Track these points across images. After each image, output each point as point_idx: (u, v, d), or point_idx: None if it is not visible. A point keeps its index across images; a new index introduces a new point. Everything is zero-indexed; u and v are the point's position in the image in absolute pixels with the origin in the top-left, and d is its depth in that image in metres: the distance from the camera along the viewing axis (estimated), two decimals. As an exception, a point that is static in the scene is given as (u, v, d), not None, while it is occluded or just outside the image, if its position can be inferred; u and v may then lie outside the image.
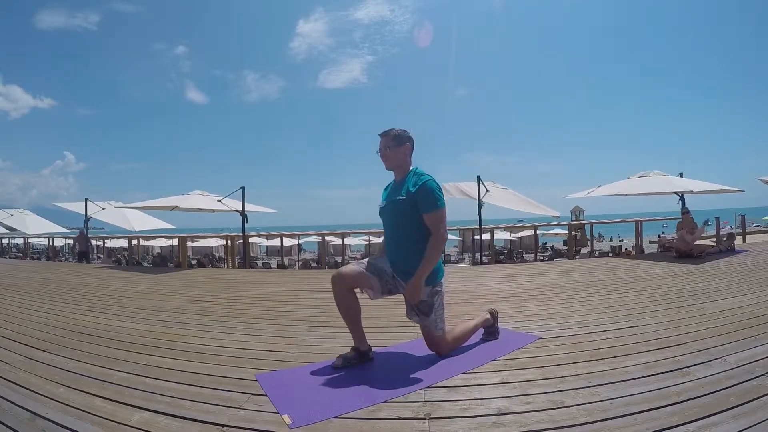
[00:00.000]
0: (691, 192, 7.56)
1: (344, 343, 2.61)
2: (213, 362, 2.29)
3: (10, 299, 4.35)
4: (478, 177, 8.20)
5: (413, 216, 2.21)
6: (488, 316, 2.64)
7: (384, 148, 2.32)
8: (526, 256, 17.77)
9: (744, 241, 9.34)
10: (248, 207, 8.77)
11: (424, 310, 2.24)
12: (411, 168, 2.35)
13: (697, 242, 6.78)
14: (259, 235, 16.70)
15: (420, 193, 2.19)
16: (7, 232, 14.58)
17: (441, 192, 2.25)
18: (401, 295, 2.32)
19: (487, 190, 8.27)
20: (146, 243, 21.04)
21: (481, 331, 2.64)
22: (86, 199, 9.93)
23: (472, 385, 1.93)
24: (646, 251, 9.73)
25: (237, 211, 8.60)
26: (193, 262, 13.13)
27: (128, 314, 3.55)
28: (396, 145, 2.31)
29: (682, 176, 8.12)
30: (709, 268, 5.29)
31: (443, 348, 2.30)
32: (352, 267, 2.28)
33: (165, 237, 16.98)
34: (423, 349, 2.39)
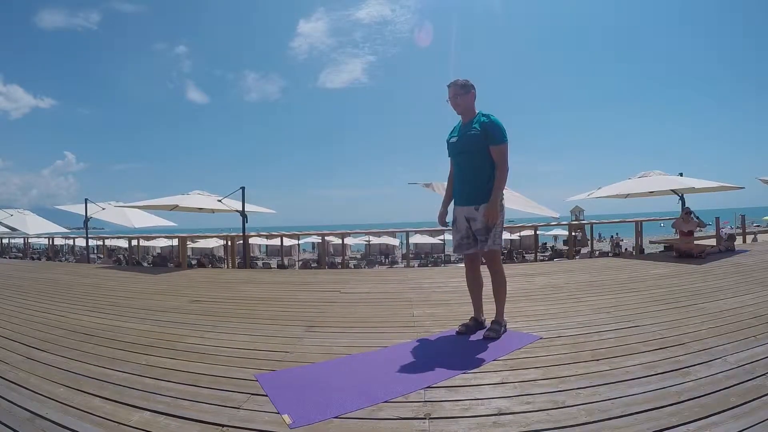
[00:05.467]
0: (693, 189, 7.56)
1: (344, 343, 2.61)
2: (213, 362, 2.29)
3: (10, 299, 4.35)
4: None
5: (484, 147, 2.60)
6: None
7: (454, 96, 2.69)
8: (527, 256, 17.76)
9: (744, 241, 9.33)
10: (248, 207, 8.76)
11: (489, 227, 2.58)
12: (477, 111, 2.71)
13: (697, 242, 6.79)
14: (259, 235, 16.68)
15: (491, 126, 2.60)
16: (8, 231, 14.57)
17: (506, 131, 2.64)
18: (401, 296, 2.33)
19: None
20: (146, 243, 21.04)
21: (480, 332, 2.67)
22: (86, 200, 9.93)
23: (472, 385, 1.93)
24: (646, 251, 9.73)
25: (237, 211, 8.60)
26: (193, 262, 13.12)
27: (128, 314, 3.54)
28: (464, 93, 2.69)
29: (682, 176, 8.11)
30: (709, 268, 5.28)
31: (497, 262, 2.68)
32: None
33: (165, 237, 16.96)
34: (423, 349, 2.39)
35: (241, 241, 9.73)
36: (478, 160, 2.63)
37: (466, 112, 2.72)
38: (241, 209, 8.48)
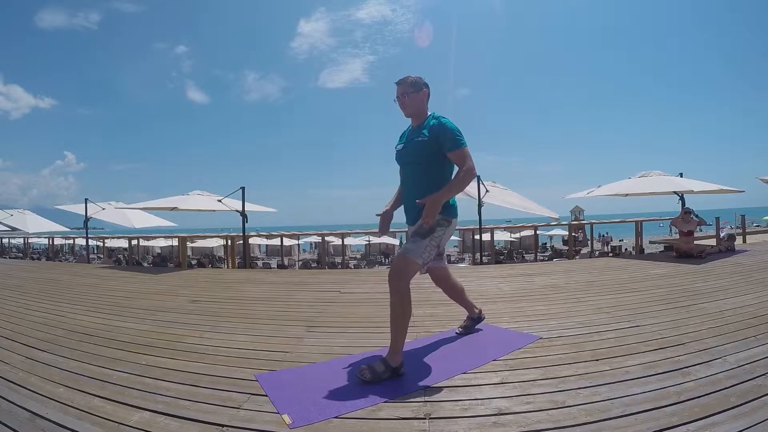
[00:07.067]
0: (692, 192, 7.57)
1: (343, 343, 2.62)
2: (212, 362, 2.29)
3: (10, 299, 4.35)
4: (478, 177, 8.20)
5: (435, 156, 2.22)
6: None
7: (402, 95, 2.30)
8: (526, 256, 17.76)
9: (744, 241, 9.33)
10: (248, 207, 8.76)
11: (421, 232, 2.17)
12: (429, 113, 2.34)
13: (697, 242, 6.79)
14: (259, 235, 16.70)
15: (442, 132, 2.19)
16: (8, 230, 14.57)
17: (461, 133, 2.22)
18: None
19: (487, 190, 8.27)
20: (146, 243, 21.05)
21: (480, 331, 2.66)
22: (86, 200, 9.92)
23: (472, 385, 1.93)
24: (644, 251, 9.73)
25: (237, 211, 8.60)
26: (193, 262, 13.13)
27: (128, 314, 3.54)
28: (414, 91, 2.29)
29: (682, 176, 8.12)
30: (710, 268, 5.28)
31: (402, 277, 2.07)
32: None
33: (165, 237, 16.97)
34: (423, 349, 2.39)
35: (241, 241, 9.73)
36: (426, 171, 2.25)
37: (416, 115, 2.34)
38: (241, 209, 8.48)
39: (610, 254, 13.24)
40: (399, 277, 2.07)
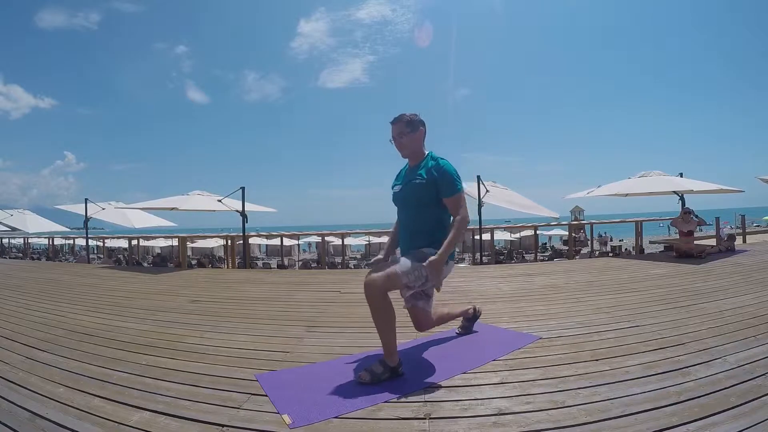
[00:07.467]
0: (691, 192, 7.57)
1: (343, 343, 2.61)
2: (212, 362, 2.30)
3: (10, 299, 4.35)
4: (478, 177, 8.20)
5: (431, 199, 2.16)
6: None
7: (398, 135, 2.24)
8: (526, 256, 17.76)
9: (744, 241, 9.33)
10: (248, 207, 8.76)
11: (418, 256, 2.10)
12: (426, 153, 2.28)
13: (697, 242, 6.79)
14: (259, 235, 16.69)
15: (440, 176, 2.14)
16: (8, 230, 14.55)
17: (459, 176, 2.20)
18: (401, 296, 2.30)
19: (487, 190, 8.27)
20: (146, 243, 21.04)
21: (480, 332, 2.66)
22: (86, 200, 9.92)
23: (472, 385, 1.93)
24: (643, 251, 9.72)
25: (237, 211, 8.60)
26: (193, 262, 13.12)
27: (128, 314, 3.55)
28: (410, 132, 2.23)
29: (682, 176, 8.11)
30: (709, 268, 5.28)
31: (381, 285, 1.98)
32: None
33: (165, 237, 16.96)
34: (423, 349, 2.39)
35: (241, 241, 9.72)
36: (423, 213, 2.19)
37: (413, 155, 2.28)
38: (241, 209, 8.48)
39: (610, 254, 13.23)
40: (376, 285, 1.98)
